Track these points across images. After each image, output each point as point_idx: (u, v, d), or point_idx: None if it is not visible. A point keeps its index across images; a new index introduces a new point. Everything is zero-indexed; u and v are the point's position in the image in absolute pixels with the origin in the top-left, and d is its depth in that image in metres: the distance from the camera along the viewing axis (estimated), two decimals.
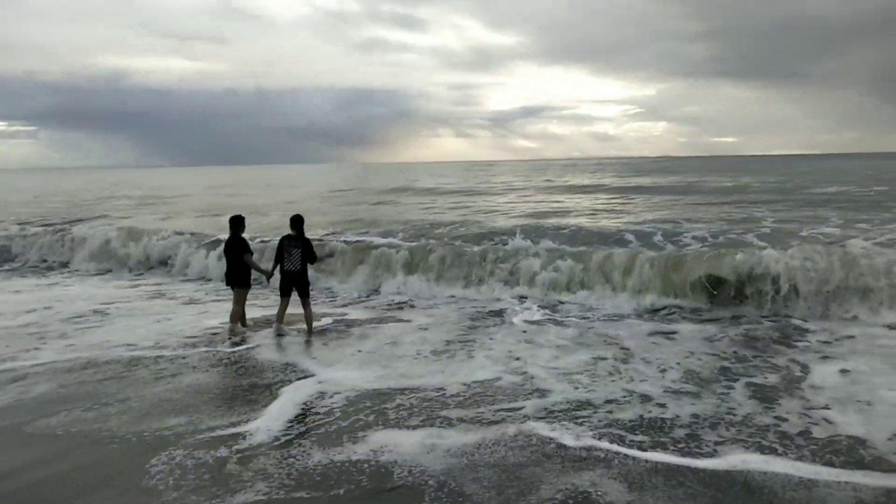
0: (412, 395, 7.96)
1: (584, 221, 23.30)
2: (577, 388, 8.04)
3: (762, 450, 6.23)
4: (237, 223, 11.10)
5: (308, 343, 10.40)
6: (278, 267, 10.81)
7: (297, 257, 10.62)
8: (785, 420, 6.99)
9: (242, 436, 6.74)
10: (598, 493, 5.51)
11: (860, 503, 5.32)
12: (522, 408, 7.38)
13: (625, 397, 7.75)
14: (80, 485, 5.78)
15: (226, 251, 11.21)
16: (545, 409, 7.36)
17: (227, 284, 11.25)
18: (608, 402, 7.63)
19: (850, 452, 6.27)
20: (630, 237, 18.03)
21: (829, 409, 7.17)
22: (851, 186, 38.47)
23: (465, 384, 8.08)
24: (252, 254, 11.26)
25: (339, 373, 8.89)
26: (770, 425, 6.89)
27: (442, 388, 7.99)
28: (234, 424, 6.90)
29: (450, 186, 49.29)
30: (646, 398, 7.70)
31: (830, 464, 5.96)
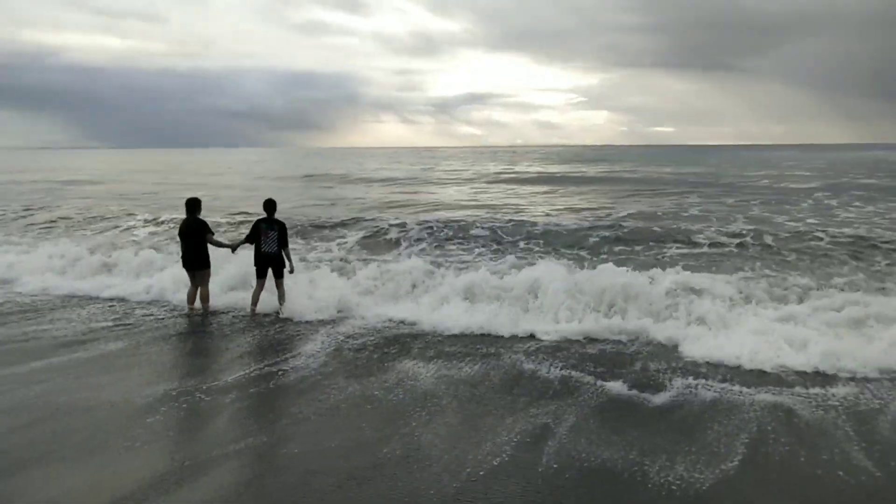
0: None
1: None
2: None
3: None
4: (194, 205, 11.12)
5: (280, 315, 10.70)
6: (254, 248, 10.99)
7: (274, 239, 10.86)
8: None
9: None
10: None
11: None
12: None
13: None
14: None
15: (183, 234, 11.08)
16: None
17: (186, 267, 11.12)
18: None
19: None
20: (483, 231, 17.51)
21: None
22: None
23: None
24: (213, 233, 11.31)
25: None
26: None
27: None
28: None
29: (378, 174, 48.35)
30: None
31: None
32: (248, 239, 11.11)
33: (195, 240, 11.00)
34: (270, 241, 10.85)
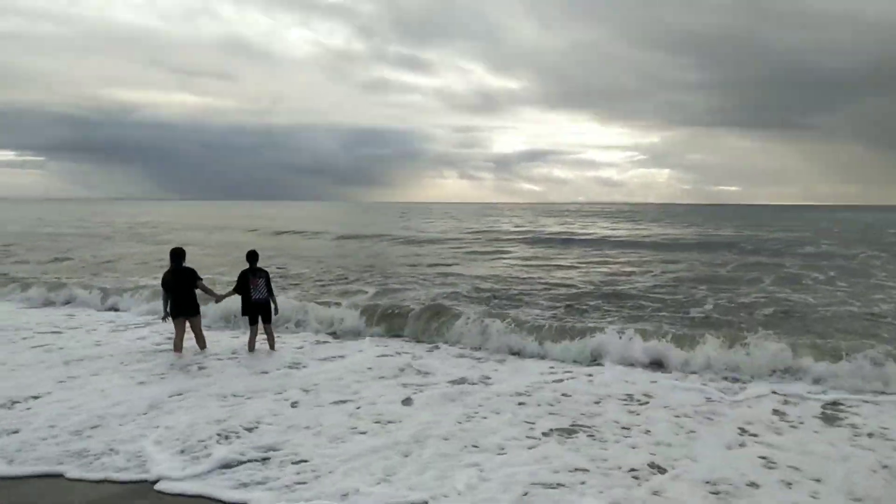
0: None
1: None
2: None
3: None
4: (180, 255, 11.57)
5: (272, 354, 11.62)
6: (242, 297, 11.57)
7: (263, 286, 11.52)
8: None
9: None
10: None
11: None
12: None
13: None
14: None
15: (170, 283, 11.38)
16: None
17: (176, 315, 11.48)
18: None
19: None
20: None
21: None
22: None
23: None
24: (202, 279, 11.72)
25: None
26: None
27: None
28: None
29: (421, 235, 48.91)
30: None
31: None
32: (237, 289, 11.59)
33: (186, 287, 11.38)
34: (260, 289, 11.49)
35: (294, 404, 8.86)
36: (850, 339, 12.11)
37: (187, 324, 11.70)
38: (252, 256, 11.76)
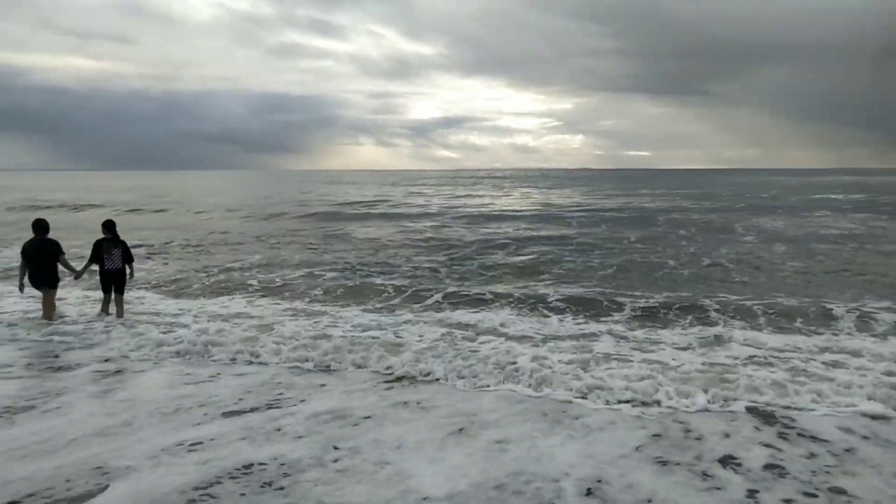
0: None
1: None
2: None
3: None
4: (42, 226, 11.23)
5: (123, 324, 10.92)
6: (99, 267, 11.40)
7: (118, 257, 11.41)
8: None
9: None
10: None
11: None
12: None
13: None
14: None
15: (30, 253, 11.07)
16: None
17: (37, 285, 11.14)
18: None
19: None
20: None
21: None
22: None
23: None
24: (64, 254, 11.41)
25: None
26: None
27: None
28: None
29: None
30: None
31: None
32: (93, 259, 11.42)
33: (48, 259, 11.08)
34: (115, 259, 11.37)
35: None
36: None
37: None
38: (109, 225, 11.56)
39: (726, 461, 5.20)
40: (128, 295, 12.42)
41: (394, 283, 14.34)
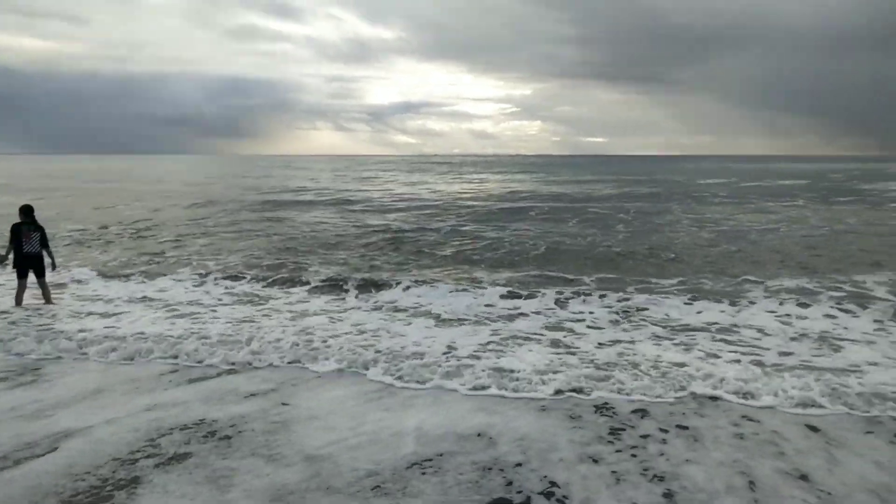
0: None
1: None
2: None
3: None
4: None
5: (52, 309, 10.94)
6: (15, 250, 11.32)
7: (37, 241, 11.42)
8: None
9: None
10: None
11: None
12: None
13: None
14: None
15: None
16: None
17: None
18: None
19: None
20: None
21: None
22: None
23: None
24: None
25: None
26: None
27: None
28: None
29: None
30: None
31: None
32: (11, 243, 11.38)
33: None
34: (32, 243, 11.36)
35: None
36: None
37: None
38: (27, 210, 11.50)
39: None
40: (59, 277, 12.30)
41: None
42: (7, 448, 5.27)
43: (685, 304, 10.69)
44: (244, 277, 13.31)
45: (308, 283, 12.64)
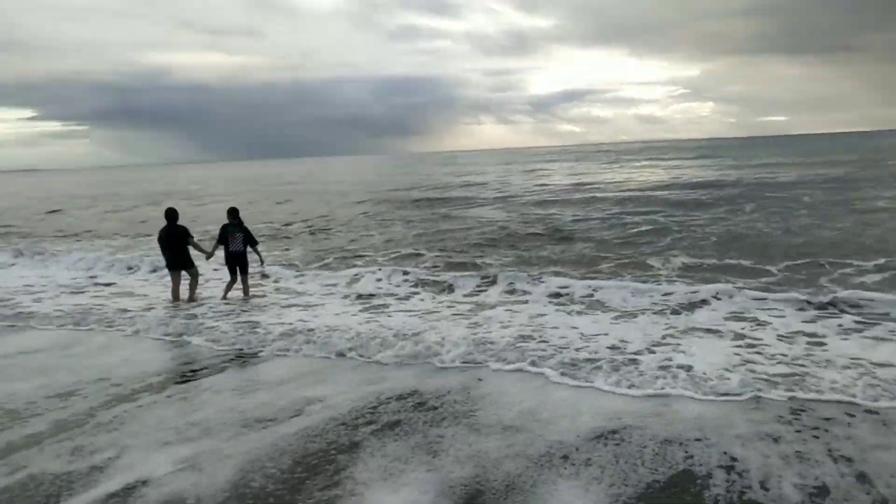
0: None
1: None
2: None
3: None
4: (173, 214, 12.40)
5: (248, 305, 11.87)
6: (223, 248, 12.49)
7: (240, 240, 12.47)
8: None
9: None
10: None
11: None
12: None
13: None
14: None
15: (166, 240, 12.29)
16: None
17: (172, 268, 12.38)
18: None
19: None
20: None
21: None
22: None
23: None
24: (194, 237, 12.61)
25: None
26: None
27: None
28: None
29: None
30: None
31: None
32: (219, 242, 12.56)
33: (180, 245, 12.27)
34: (237, 242, 12.46)
35: None
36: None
37: (183, 275, 12.55)
38: (232, 213, 12.61)
39: None
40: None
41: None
42: (255, 415, 6.35)
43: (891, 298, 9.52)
44: (421, 269, 14.18)
45: (481, 275, 13.10)
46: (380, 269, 14.08)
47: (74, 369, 8.20)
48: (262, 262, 12.99)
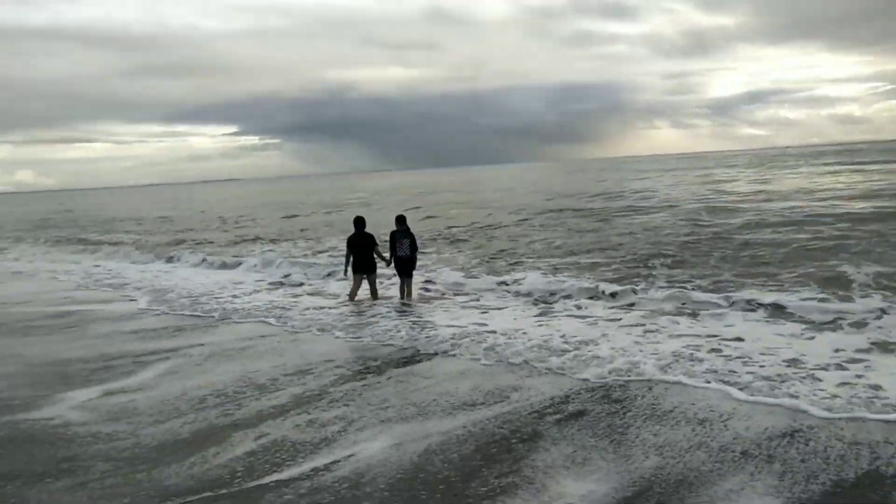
0: None
1: None
2: None
3: None
4: (362, 222, 13.48)
5: (411, 306, 12.77)
6: (391, 254, 13.30)
7: (407, 246, 13.20)
8: None
9: None
10: None
11: None
12: None
13: None
14: None
15: (353, 244, 13.32)
16: None
17: (356, 271, 13.39)
18: None
19: None
20: None
21: None
22: None
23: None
24: (378, 246, 13.56)
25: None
26: None
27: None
28: None
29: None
30: None
31: None
32: (392, 248, 13.33)
33: (367, 250, 13.30)
34: (404, 248, 13.18)
35: None
36: None
37: (364, 279, 13.50)
38: (400, 220, 13.48)
39: None
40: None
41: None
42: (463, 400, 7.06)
43: None
44: (587, 275, 14.44)
45: (649, 283, 12.99)
46: (548, 274, 14.36)
47: (300, 353, 9.56)
48: (414, 266, 13.42)
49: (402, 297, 13.20)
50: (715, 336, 9.07)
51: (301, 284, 15.96)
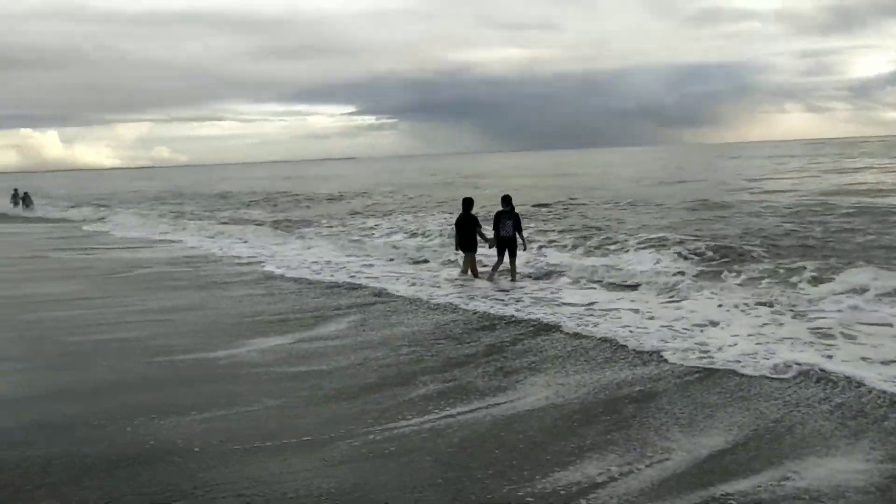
0: None
1: None
2: None
3: None
4: (469, 203, 14.18)
5: (513, 283, 13.32)
6: (495, 233, 13.69)
7: (510, 227, 13.46)
8: None
9: None
10: None
11: None
12: None
13: None
14: None
15: (459, 224, 14.04)
16: None
17: (459, 249, 14.27)
18: None
19: None
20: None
21: None
22: None
23: None
24: (481, 227, 14.11)
25: None
26: None
27: None
28: None
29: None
30: None
31: None
32: (494, 228, 13.76)
33: (471, 230, 13.85)
34: (507, 228, 13.43)
35: None
36: None
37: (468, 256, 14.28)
38: (505, 200, 13.78)
39: None
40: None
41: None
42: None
43: None
44: (695, 259, 14.39)
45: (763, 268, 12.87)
46: (652, 253, 14.79)
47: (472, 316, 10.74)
48: (524, 247, 13.88)
49: (490, 277, 13.51)
50: (844, 322, 9.07)
51: (424, 262, 16.63)
